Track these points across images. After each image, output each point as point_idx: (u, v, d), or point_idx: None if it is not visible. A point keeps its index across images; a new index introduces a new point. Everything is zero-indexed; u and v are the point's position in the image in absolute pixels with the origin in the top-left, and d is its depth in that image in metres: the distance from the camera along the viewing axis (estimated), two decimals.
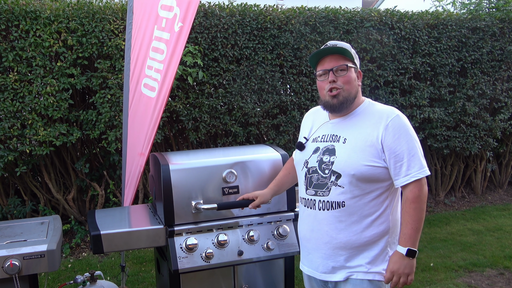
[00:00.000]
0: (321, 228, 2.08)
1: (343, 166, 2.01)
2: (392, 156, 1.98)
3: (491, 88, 6.04)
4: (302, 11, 5.19)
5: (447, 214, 6.00)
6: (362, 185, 2.01)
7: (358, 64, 2.14)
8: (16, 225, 2.74)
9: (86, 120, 4.57)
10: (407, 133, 1.99)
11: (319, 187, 2.08)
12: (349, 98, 2.06)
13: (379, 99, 5.45)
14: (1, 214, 4.73)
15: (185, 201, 2.47)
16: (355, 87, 2.08)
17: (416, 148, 1.99)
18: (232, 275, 2.69)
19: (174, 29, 3.02)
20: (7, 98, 4.26)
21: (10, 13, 4.20)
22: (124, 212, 3.02)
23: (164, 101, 3.07)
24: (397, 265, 1.97)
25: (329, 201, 2.05)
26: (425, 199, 2.01)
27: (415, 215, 1.97)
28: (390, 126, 1.99)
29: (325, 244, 2.08)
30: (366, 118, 2.07)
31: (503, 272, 4.23)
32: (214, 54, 4.81)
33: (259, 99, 5.12)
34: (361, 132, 2.04)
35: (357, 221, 2.03)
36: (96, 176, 4.98)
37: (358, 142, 2.02)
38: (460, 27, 5.78)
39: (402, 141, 1.97)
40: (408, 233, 1.97)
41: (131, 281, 4.09)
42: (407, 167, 1.97)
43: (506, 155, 6.75)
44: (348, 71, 2.06)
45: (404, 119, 2.03)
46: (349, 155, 2.02)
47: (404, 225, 1.99)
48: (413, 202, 1.98)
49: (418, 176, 1.97)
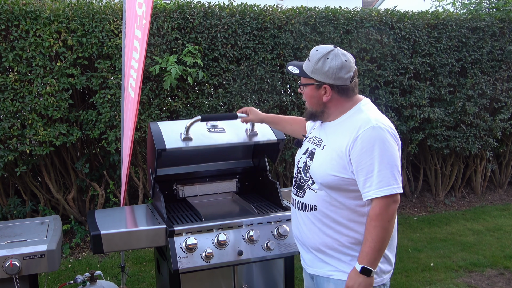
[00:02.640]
0: (300, 226, 2.15)
1: (315, 173, 2.04)
2: (358, 169, 1.90)
3: (491, 88, 6.04)
4: (302, 11, 5.19)
5: (447, 214, 6.00)
6: (332, 193, 2.00)
7: (328, 78, 2.00)
8: (16, 225, 2.74)
9: (86, 120, 4.57)
10: (377, 147, 1.88)
11: (299, 188, 2.14)
12: (313, 112, 2.11)
13: (379, 99, 5.46)
14: (1, 214, 4.73)
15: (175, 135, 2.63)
16: (315, 104, 2.07)
17: (385, 163, 1.87)
18: (232, 275, 2.69)
19: (141, 26, 3.09)
20: (7, 98, 4.26)
21: (10, 13, 4.20)
22: (124, 212, 3.02)
23: (138, 100, 3.12)
24: (352, 281, 1.94)
25: (304, 202, 2.11)
26: (389, 218, 1.88)
27: (374, 233, 1.88)
28: (359, 138, 1.91)
29: (305, 241, 2.15)
30: (346, 126, 2.00)
31: (503, 272, 4.23)
32: (214, 54, 4.81)
33: (259, 99, 5.12)
34: (337, 140, 2.00)
35: (329, 225, 2.02)
36: (96, 176, 4.98)
37: (330, 151, 2.01)
38: (460, 27, 5.78)
39: (370, 155, 1.88)
40: (365, 251, 1.91)
41: (131, 281, 4.09)
42: (371, 182, 1.88)
43: (506, 155, 6.75)
44: (306, 89, 2.08)
45: (378, 131, 1.90)
46: (320, 163, 2.03)
47: (364, 242, 1.93)
48: (372, 220, 1.90)
49: (379, 194, 1.87)
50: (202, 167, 3.17)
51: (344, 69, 1.99)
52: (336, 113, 2.07)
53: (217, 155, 3.13)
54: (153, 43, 4.62)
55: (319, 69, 2.00)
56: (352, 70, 2.01)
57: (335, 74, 1.99)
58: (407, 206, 6.24)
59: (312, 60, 2.03)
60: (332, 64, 1.98)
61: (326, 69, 1.99)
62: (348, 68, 2.00)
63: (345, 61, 1.99)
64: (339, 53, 2.01)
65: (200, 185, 3.11)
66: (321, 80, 2.01)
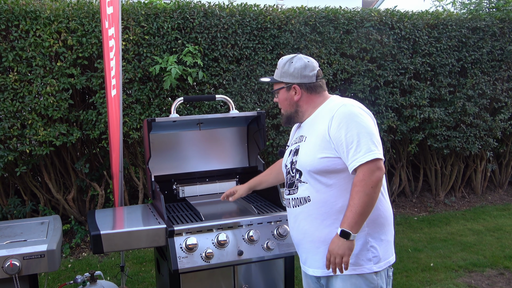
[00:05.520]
0: (299, 224, 2.18)
1: (302, 163, 2.14)
2: (339, 144, 2.02)
3: (491, 88, 6.04)
4: (302, 11, 5.19)
5: (447, 214, 6.00)
6: (321, 178, 2.08)
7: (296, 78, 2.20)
8: (16, 225, 2.74)
9: (86, 120, 4.57)
10: (351, 120, 2.01)
11: (290, 186, 2.23)
12: (288, 115, 2.29)
13: (379, 99, 5.45)
14: (1, 214, 4.73)
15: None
16: (289, 105, 2.26)
17: (362, 133, 1.99)
18: (232, 275, 2.69)
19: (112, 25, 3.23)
20: (7, 98, 4.26)
21: (10, 13, 4.20)
22: (124, 212, 3.03)
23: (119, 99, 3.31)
24: (333, 245, 2.00)
25: (297, 197, 2.17)
26: (372, 184, 1.95)
27: (356, 198, 1.95)
28: (335, 116, 2.05)
29: (304, 239, 2.17)
30: (322, 115, 2.16)
31: (503, 272, 4.23)
32: (214, 54, 4.81)
33: (259, 99, 5.12)
34: (316, 129, 2.14)
35: (327, 213, 2.08)
36: (96, 176, 4.98)
37: (312, 138, 2.13)
38: (460, 27, 5.78)
39: (346, 129, 2.00)
40: (346, 215, 1.97)
41: (131, 281, 4.09)
42: (353, 152, 1.98)
43: (506, 155, 6.75)
44: (278, 94, 2.28)
45: (350, 107, 2.07)
46: (306, 151, 2.14)
47: (347, 207, 1.99)
48: (355, 185, 1.97)
49: (362, 160, 1.96)
50: (202, 167, 3.18)
51: (308, 68, 2.20)
52: (309, 110, 2.23)
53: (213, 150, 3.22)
54: (153, 43, 4.62)
55: (286, 72, 2.23)
56: (315, 69, 2.22)
57: (301, 73, 2.20)
58: (407, 206, 6.24)
59: (279, 67, 2.25)
60: (296, 65, 2.20)
61: (291, 70, 2.21)
62: (312, 67, 2.21)
63: (307, 62, 2.21)
64: (302, 56, 2.24)
65: (200, 185, 3.12)
66: (290, 81, 2.22)
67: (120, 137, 3.40)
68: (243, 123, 3.26)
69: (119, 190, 3.44)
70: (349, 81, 5.44)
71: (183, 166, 3.15)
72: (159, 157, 3.06)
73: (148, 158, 2.89)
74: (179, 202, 3.09)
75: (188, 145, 3.17)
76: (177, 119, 2.87)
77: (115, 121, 3.33)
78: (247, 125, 3.28)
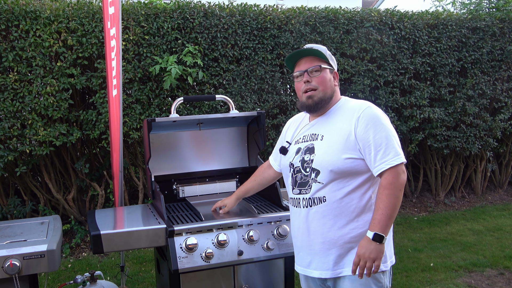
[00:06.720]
0: (309, 224, 2.12)
1: (321, 162, 2.07)
2: (366, 146, 2.00)
3: (491, 88, 6.04)
4: (302, 11, 5.19)
5: (447, 214, 6.00)
6: (340, 179, 2.04)
7: (335, 66, 2.20)
8: (16, 225, 2.74)
9: (86, 120, 4.57)
10: (379, 123, 2.01)
11: (302, 186, 2.14)
12: (324, 98, 2.14)
13: (379, 99, 5.46)
14: (1, 214, 4.73)
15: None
16: (330, 87, 2.15)
17: (390, 136, 2.00)
18: (232, 275, 2.69)
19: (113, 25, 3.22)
20: (7, 98, 4.26)
21: (10, 13, 4.20)
22: (124, 212, 3.03)
23: (120, 99, 3.31)
24: (363, 249, 1.98)
25: (311, 197, 2.11)
26: (400, 187, 1.99)
27: (387, 201, 1.96)
28: (362, 117, 2.03)
29: (314, 240, 2.12)
30: (341, 114, 2.12)
31: (503, 272, 4.23)
32: (214, 54, 4.81)
33: (259, 99, 5.12)
34: (337, 127, 2.09)
35: (341, 214, 2.05)
36: (96, 176, 4.98)
37: (334, 137, 2.08)
38: (460, 27, 5.78)
39: (374, 131, 2.00)
40: (377, 218, 1.97)
41: (131, 281, 4.09)
42: (382, 155, 1.98)
43: (506, 155, 6.75)
44: (323, 72, 2.13)
45: (375, 109, 2.06)
46: (326, 151, 2.07)
47: (375, 210, 2.00)
48: (385, 188, 1.98)
49: (392, 163, 1.97)
50: (202, 167, 3.18)
51: None
52: (332, 103, 2.18)
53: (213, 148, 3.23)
54: (153, 43, 4.63)
55: (330, 57, 2.18)
56: None
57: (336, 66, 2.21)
58: (407, 206, 6.24)
59: (322, 50, 2.16)
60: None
61: (333, 58, 2.20)
62: None
63: None
64: None
65: (200, 185, 3.12)
66: (334, 67, 2.19)
67: (120, 137, 3.40)
68: (243, 123, 3.26)
69: (119, 190, 3.44)
70: (349, 81, 5.44)
71: (183, 166, 3.15)
72: (159, 157, 3.06)
73: (148, 158, 2.89)
74: (179, 202, 3.09)
75: (188, 145, 3.17)
76: (177, 119, 2.87)
77: (115, 121, 3.33)
78: (247, 125, 3.28)
